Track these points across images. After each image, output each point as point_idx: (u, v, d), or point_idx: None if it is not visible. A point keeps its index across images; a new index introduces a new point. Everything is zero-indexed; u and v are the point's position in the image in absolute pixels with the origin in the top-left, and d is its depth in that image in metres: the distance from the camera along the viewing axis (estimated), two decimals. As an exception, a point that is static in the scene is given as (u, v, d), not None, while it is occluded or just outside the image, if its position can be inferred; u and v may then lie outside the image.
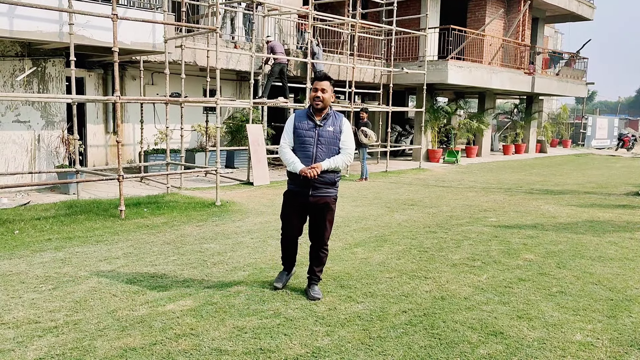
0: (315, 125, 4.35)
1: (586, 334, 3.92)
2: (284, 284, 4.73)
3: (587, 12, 24.22)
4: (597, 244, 6.72)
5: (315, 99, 4.31)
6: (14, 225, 6.96)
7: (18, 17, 8.01)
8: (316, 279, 4.62)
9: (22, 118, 9.73)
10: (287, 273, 4.80)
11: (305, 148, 4.34)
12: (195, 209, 8.50)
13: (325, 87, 4.32)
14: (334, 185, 4.45)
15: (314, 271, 4.61)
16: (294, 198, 4.47)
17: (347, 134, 4.41)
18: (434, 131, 18.59)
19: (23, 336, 3.70)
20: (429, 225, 7.69)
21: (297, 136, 4.39)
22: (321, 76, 4.42)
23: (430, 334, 3.85)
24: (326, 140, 4.34)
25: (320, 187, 4.37)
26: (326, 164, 4.29)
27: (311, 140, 4.33)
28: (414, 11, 18.20)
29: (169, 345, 3.60)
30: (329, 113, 4.39)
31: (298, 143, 4.38)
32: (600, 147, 31.55)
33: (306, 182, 4.31)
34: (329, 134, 4.34)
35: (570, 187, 12.51)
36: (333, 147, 4.36)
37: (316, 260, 4.60)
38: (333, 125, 4.37)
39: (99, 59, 11.49)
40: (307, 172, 4.23)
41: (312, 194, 4.36)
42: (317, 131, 4.33)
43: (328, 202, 4.44)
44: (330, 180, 4.39)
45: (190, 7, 13.20)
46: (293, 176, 4.42)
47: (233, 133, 14.39)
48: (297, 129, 4.38)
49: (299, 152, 4.37)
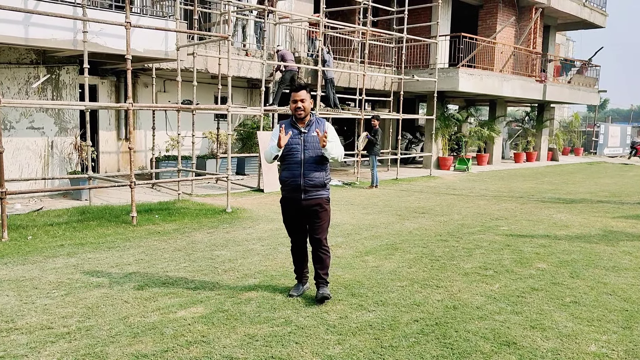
0: (300, 133, 4.51)
1: (601, 345, 3.87)
2: (299, 293, 4.77)
3: (599, 20, 24.10)
4: (611, 253, 6.65)
5: (297, 110, 4.50)
6: (27, 231, 7.02)
7: (33, 25, 8.12)
8: (323, 282, 4.68)
9: (36, 125, 9.84)
10: (301, 285, 4.84)
11: (293, 155, 4.50)
12: (206, 215, 8.52)
13: (304, 97, 4.51)
14: (324, 187, 4.59)
15: (319, 274, 4.69)
16: (288, 204, 4.62)
17: (332, 135, 4.55)
18: (444, 139, 18.54)
19: (36, 342, 3.72)
20: (440, 234, 7.65)
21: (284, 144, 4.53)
22: (298, 87, 4.57)
23: (443, 344, 3.82)
24: (312, 145, 4.49)
25: (311, 191, 4.50)
26: (330, 145, 4.44)
27: (298, 147, 4.49)
28: (424, 19, 18.22)
29: (181, 352, 3.60)
30: (311, 120, 4.58)
31: (285, 151, 4.52)
32: (612, 155, 31.27)
33: (297, 187, 4.48)
34: (314, 139, 4.49)
35: (582, 196, 12.40)
36: (319, 151, 4.50)
37: (318, 261, 4.67)
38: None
39: (112, 67, 11.61)
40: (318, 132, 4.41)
41: (304, 197, 4.50)
42: (302, 137, 4.50)
43: (320, 203, 4.56)
44: (319, 182, 4.53)
45: (202, 15, 13.31)
46: (284, 183, 4.59)
47: (244, 140, 14.45)
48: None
49: (288, 159, 4.53)
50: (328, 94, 13.97)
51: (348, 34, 16.67)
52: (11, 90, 9.45)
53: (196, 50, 11.11)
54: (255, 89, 15.37)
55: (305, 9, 15.88)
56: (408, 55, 17.62)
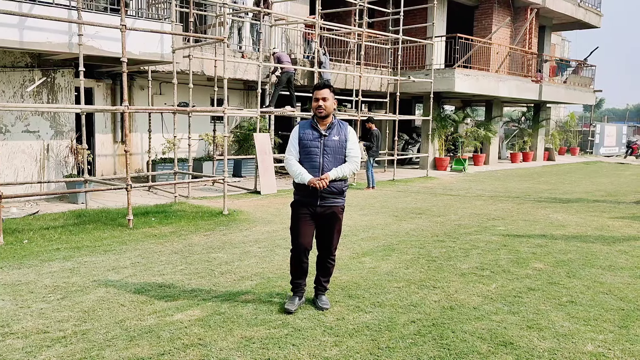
0: (320, 135, 4.32)
1: (597, 345, 3.88)
2: (296, 307, 4.42)
3: (594, 20, 24.19)
4: (607, 252, 6.66)
5: (318, 108, 4.29)
6: (23, 235, 6.99)
7: (28, 29, 8.10)
8: (323, 289, 4.58)
9: (32, 128, 9.81)
10: (298, 298, 4.50)
11: (312, 159, 4.31)
12: (203, 218, 8.51)
13: (326, 95, 4.29)
14: (341, 195, 4.41)
15: (320, 281, 4.56)
16: (302, 208, 4.39)
17: (353, 142, 4.38)
18: (441, 139, 18.57)
19: (32, 346, 3.70)
20: (437, 234, 7.66)
21: (302, 147, 4.35)
22: (321, 84, 4.37)
23: (440, 345, 3.82)
24: (332, 150, 4.31)
25: (327, 197, 4.33)
26: (334, 173, 4.26)
27: (317, 150, 4.30)
28: (420, 20, 18.25)
29: (177, 355, 3.59)
30: (333, 122, 4.37)
31: (304, 154, 4.34)
32: (608, 155, 31.35)
33: (314, 192, 4.28)
34: (334, 144, 4.31)
35: (579, 196, 12.43)
36: (339, 157, 4.34)
37: (323, 270, 4.53)
38: (338, 135, 4.34)
39: (108, 70, 11.59)
40: (315, 183, 4.20)
41: (320, 204, 4.32)
42: (322, 141, 4.31)
43: (335, 212, 4.39)
44: (337, 189, 4.35)
45: (197, 17, 13.30)
46: (300, 187, 4.36)
47: (240, 142, 14.44)
48: (302, 140, 4.34)
49: (306, 163, 4.33)
50: (324, 95, 13.94)
51: (344, 36, 16.69)
52: (6, 93, 9.43)
53: (192, 53, 11.10)
54: (251, 90, 15.36)
55: (301, 11, 15.89)
56: (404, 56, 17.63)
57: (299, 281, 4.52)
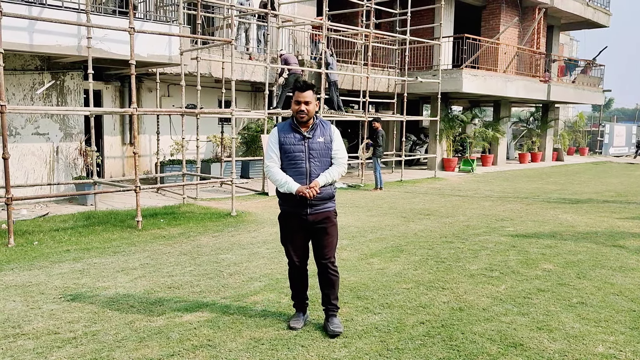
0: (303, 138, 3.92)
1: (608, 346, 3.85)
2: (302, 324, 4.14)
3: (603, 19, 24.03)
4: (618, 253, 6.61)
5: (300, 112, 3.89)
6: (33, 237, 7.04)
7: (38, 32, 8.17)
8: (333, 309, 4.10)
9: (41, 130, 9.88)
10: (302, 313, 4.22)
11: (297, 164, 3.91)
12: (211, 219, 8.54)
13: (308, 98, 3.90)
14: (332, 199, 4.04)
15: (328, 299, 4.10)
16: (291, 220, 4.02)
17: (338, 142, 4.02)
18: (449, 140, 18.51)
19: (42, 347, 3.73)
20: (445, 235, 7.63)
21: (284, 152, 3.93)
22: (303, 86, 3.94)
23: (449, 346, 3.81)
24: (318, 153, 3.93)
25: (317, 204, 3.94)
26: (322, 179, 3.89)
27: (302, 155, 3.90)
28: (427, 20, 18.21)
29: (187, 356, 3.60)
30: (315, 123, 3.97)
31: (287, 160, 3.93)
32: (618, 155, 31.13)
33: (302, 201, 3.88)
34: (319, 146, 3.93)
35: (588, 196, 12.34)
36: (325, 159, 3.96)
37: (327, 285, 4.08)
38: (323, 136, 3.95)
39: (116, 72, 11.66)
40: (305, 192, 3.82)
41: (310, 212, 3.93)
42: (306, 144, 3.91)
43: (329, 216, 4.02)
44: (328, 194, 3.97)
45: (205, 19, 13.35)
46: (286, 197, 3.97)
47: (248, 143, 14.48)
48: (284, 145, 3.93)
49: (290, 170, 3.93)
50: (332, 96, 13.98)
51: (351, 37, 16.68)
52: (16, 96, 9.50)
53: (200, 55, 11.14)
54: (259, 92, 15.40)
55: (308, 12, 15.91)
56: (411, 57, 17.60)
57: (301, 295, 4.21)
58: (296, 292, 4.22)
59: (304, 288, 4.21)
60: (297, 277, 4.16)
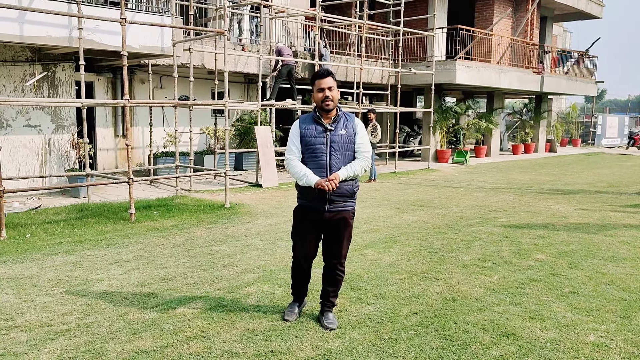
0: (325, 130, 3.78)
1: (600, 335, 3.88)
2: (295, 317, 4.12)
3: (596, 10, 24.05)
4: (610, 243, 6.66)
5: (325, 99, 3.74)
6: (26, 229, 7.01)
7: (28, 23, 8.08)
8: (330, 305, 4.07)
9: (33, 122, 9.81)
10: (298, 304, 4.21)
11: (317, 157, 3.78)
12: (205, 211, 8.52)
13: (331, 84, 3.76)
14: (352, 197, 3.88)
15: (327, 295, 4.05)
16: (307, 215, 3.90)
17: (362, 136, 3.86)
18: (442, 131, 18.53)
19: (36, 339, 3.72)
20: (438, 226, 7.66)
21: (305, 145, 3.81)
22: (324, 72, 3.82)
23: (442, 336, 3.83)
24: (340, 146, 3.78)
25: (337, 201, 3.80)
26: (344, 172, 3.74)
27: (323, 147, 3.77)
28: (421, 11, 18.17)
29: (180, 347, 3.61)
30: (338, 114, 3.83)
31: (308, 152, 3.81)
32: (610, 146, 31.29)
33: (322, 195, 3.75)
34: (342, 139, 3.79)
35: (580, 187, 12.41)
36: (348, 153, 3.81)
37: (331, 282, 4.04)
38: (345, 128, 3.81)
39: (108, 63, 11.57)
40: (324, 185, 3.68)
41: (328, 209, 3.80)
42: (328, 136, 3.77)
43: (346, 217, 3.87)
44: (348, 191, 3.82)
45: (197, 10, 13.25)
46: (305, 190, 3.83)
47: (241, 135, 14.43)
48: (305, 137, 3.80)
49: (310, 163, 3.80)
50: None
51: (344, 28, 16.62)
52: (7, 88, 9.42)
53: (192, 46, 11.07)
54: (252, 84, 15.33)
55: (302, 3, 15.83)
56: (405, 48, 17.58)
57: (301, 287, 4.18)
58: (297, 286, 4.19)
59: (305, 280, 4.18)
60: (300, 273, 4.12)
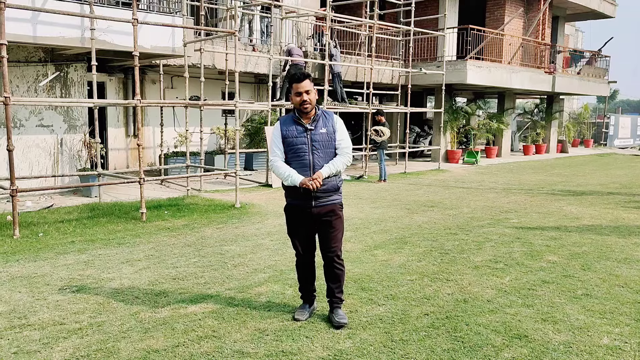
0: (305, 130, 3.90)
1: (613, 338, 3.84)
2: (307, 316, 4.14)
3: (609, 10, 23.83)
4: (623, 245, 6.59)
5: (303, 103, 3.87)
6: (38, 228, 7.07)
7: (41, 24, 8.15)
8: (338, 301, 4.12)
9: (46, 122, 9.89)
10: (308, 306, 4.22)
11: (300, 157, 3.90)
12: (215, 211, 8.55)
13: (308, 87, 3.88)
14: (337, 191, 4.01)
15: (332, 292, 4.11)
16: (296, 212, 4.03)
17: (341, 132, 3.99)
18: (453, 132, 18.45)
19: (48, 337, 3.75)
20: (449, 227, 7.62)
21: (288, 145, 3.92)
22: (300, 76, 3.93)
23: (453, 337, 3.81)
24: (321, 145, 3.91)
25: (323, 197, 3.93)
26: (326, 170, 3.87)
27: (305, 147, 3.89)
28: (432, 11, 18.10)
29: (192, 347, 3.62)
30: (317, 114, 3.95)
31: (291, 153, 3.92)
32: (623, 147, 30.98)
33: (307, 193, 3.88)
34: (322, 137, 3.91)
35: (593, 188, 12.30)
36: (329, 151, 3.95)
37: (332, 278, 4.09)
38: (325, 127, 3.94)
39: (120, 64, 11.65)
40: (308, 184, 3.81)
41: (314, 204, 3.92)
42: (309, 136, 3.89)
43: (334, 209, 3.99)
44: (333, 186, 3.95)
45: (208, 10, 13.30)
46: (291, 190, 3.96)
47: (251, 135, 14.46)
48: (287, 138, 3.92)
49: (294, 163, 3.92)
50: (335, 88, 13.94)
51: (355, 28, 16.60)
52: (20, 88, 9.50)
53: (203, 46, 11.11)
54: (262, 84, 15.36)
55: (312, 4, 15.83)
56: (415, 48, 17.52)
57: (308, 287, 4.20)
58: (303, 283, 4.21)
59: (311, 280, 4.20)
60: (304, 269, 4.17)
